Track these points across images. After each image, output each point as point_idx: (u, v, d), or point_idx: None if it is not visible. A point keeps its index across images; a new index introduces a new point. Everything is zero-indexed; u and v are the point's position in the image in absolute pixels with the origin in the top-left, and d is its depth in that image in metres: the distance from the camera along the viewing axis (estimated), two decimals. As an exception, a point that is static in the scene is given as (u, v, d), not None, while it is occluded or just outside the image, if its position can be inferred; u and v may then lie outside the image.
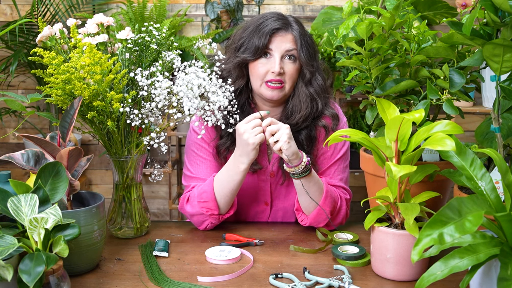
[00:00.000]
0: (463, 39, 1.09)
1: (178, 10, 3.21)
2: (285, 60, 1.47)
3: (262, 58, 1.47)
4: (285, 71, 1.46)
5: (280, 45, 1.46)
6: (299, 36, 1.47)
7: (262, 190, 1.57)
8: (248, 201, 1.58)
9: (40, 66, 2.64)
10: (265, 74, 1.46)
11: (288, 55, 1.46)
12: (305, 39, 1.48)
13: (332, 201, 1.44)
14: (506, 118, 1.18)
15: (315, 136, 1.53)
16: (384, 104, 1.17)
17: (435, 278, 0.84)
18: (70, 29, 1.33)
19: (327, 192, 1.43)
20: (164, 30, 1.38)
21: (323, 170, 1.54)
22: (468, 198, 0.87)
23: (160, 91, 1.28)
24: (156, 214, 3.46)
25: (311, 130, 1.52)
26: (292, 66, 1.47)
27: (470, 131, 1.96)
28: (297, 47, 1.46)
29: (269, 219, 1.61)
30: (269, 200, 1.58)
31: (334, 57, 2.96)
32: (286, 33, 1.47)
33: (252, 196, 1.57)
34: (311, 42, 1.50)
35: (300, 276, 1.17)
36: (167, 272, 1.20)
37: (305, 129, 1.52)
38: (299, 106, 1.50)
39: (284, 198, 1.58)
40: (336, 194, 1.48)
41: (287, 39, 1.46)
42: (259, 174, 1.55)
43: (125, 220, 1.42)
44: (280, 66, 1.44)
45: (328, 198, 1.43)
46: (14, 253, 0.94)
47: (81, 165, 1.26)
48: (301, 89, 1.50)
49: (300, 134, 1.51)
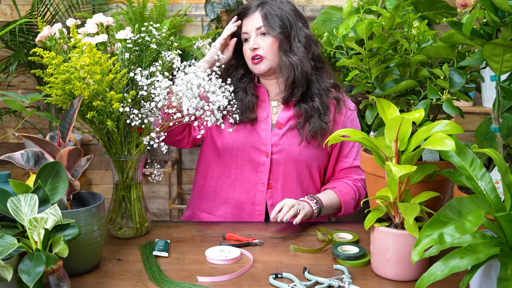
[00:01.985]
0: (463, 39, 1.09)
1: (178, 10, 3.21)
2: (259, 37, 1.64)
3: (245, 43, 1.66)
4: (261, 45, 1.63)
5: (252, 25, 1.64)
6: (268, 12, 1.63)
7: (263, 139, 1.64)
8: (248, 150, 1.65)
9: (40, 66, 2.64)
10: (249, 53, 1.65)
11: (260, 31, 1.63)
12: (275, 12, 1.63)
13: (351, 202, 1.64)
14: (506, 118, 1.17)
15: (327, 105, 1.67)
16: (384, 104, 1.17)
17: (435, 278, 0.84)
18: (70, 29, 1.33)
19: (345, 206, 1.62)
20: (164, 30, 1.38)
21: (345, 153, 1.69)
22: (468, 198, 0.87)
23: (160, 91, 1.27)
24: (156, 214, 3.46)
25: (323, 99, 1.66)
26: (266, 40, 1.62)
27: (470, 131, 1.95)
28: (265, 22, 1.62)
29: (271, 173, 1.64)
30: (269, 151, 1.64)
31: (334, 57, 2.95)
32: (254, 13, 1.65)
33: (251, 145, 1.65)
34: (283, 14, 1.63)
35: (300, 276, 1.17)
36: (167, 272, 1.20)
37: (317, 98, 1.65)
38: (287, 75, 1.63)
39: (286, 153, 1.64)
40: (351, 190, 1.65)
41: (255, 18, 1.64)
42: (259, 123, 1.66)
43: (125, 220, 1.42)
44: (254, 43, 1.63)
45: (346, 206, 1.63)
46: (14, 253, 0.94)
47: (81, 165, 1.26)
48: (281, 57, 1.63)
49: (314, 101, 1.65)
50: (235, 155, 1.66)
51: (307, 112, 1.64)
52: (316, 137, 1.63)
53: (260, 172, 1.64)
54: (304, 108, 1.64)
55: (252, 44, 1.63)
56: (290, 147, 1.64)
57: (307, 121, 1.64)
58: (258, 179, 1.65)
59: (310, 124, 1.63)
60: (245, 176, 1.66)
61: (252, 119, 1.64)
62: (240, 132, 1.65)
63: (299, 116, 1.65)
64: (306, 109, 1.64)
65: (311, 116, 1.64)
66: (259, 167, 1.64)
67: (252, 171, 1.65)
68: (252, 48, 1.62)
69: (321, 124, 1.62)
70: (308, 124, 1.63)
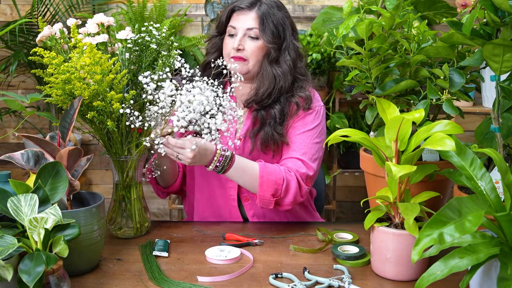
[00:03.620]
0: (463, 39, 1.09)
1: (178, 10, 3.21)
2: (247, 38, 1.54)
3: (229, 37, 1.56)
4: (246, 48, 1.53)
5: (242, 23, 1.53)
6: (264, 15, 1.52)
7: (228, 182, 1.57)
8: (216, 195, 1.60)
9: (40, 66, 2.64)
10: (230, 50, 1.54)
11: (250, 34, 1.53)
12: (271, 18, 1.53)
13: (272, 184, 1.43)
14: (506, 118, 1.17)
15: (288, 112, 1.57)
16: (384, 104, 1.17)
17: (435, 278, 0.84)
18: (70, 29, 1.33)
19: (261, 177, 1.43)
20: (164, 30, 1.38)
21: (290, 143, 1.55)
22: (468, 198, 0.87)
23: (165, 97, 1.27)
24: (156, 214, 3.46)
25: (284, 105, 1.56)
26: (254, 44, 1.53)
27: (470, 131, 1.95)
28: (259, 26, 1.52)
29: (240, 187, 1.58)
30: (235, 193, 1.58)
31: (334, 57, 2.96)
32: (250, 11, 1.54)
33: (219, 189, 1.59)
34: (279, 23, 1.55)
35: (300, 276, 1.17)
36: (167, 272, 1.20)
37: (278, 104, 1.55)
38: (262, 84, 1.55)
39: None
40: (279, 175, 1.44)
41: (250, 17, 1.53)
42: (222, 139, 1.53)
43: (125, 220, 1.42)
44: (240, 43, 1.52)
45: (265, 183, 1.43)
46: (14, 253, 0.94)
47: (81, 165, 1.26)
48: (265, 67, 1.55)
49: (273, 108, 1.55)
50: (204, 172, 1.59)
51: (263, 119, 1.55)
52: (268, 147, 1.54)
53: (229, 188, 1.59)
54: (261, 115, 1.55)
55: (237, 44, 1.52)
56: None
57: (261, 129, 1.55)
58: (229, 195, 1.60)
59: (263, 133, 1.53)
60: (217, 193, 1.61)
61: None
62: None
63: (255, 123, 1.56)
64: (262, 116, 1.55)
65: (265, 124, 1.54)
66: (227, 183, 1.58)
67: (221, 188, 1.59)
68: (236, 48, 1.52)
69: (272, 134, 1.52)
70: (261, 133, 1.54)
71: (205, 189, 1.62)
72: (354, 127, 3.10)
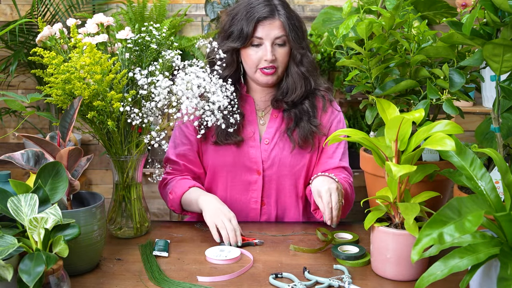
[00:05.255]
0: (463, 39, 1.09)
1: (178, 10, 3.21)
2: (276, 47, 1.54)
3: (253, 47, 1.54)
4: (277, 57, 1.54)
5: (269, 32, 1.52)
6: (287, 20, 1.53)
7: (253, 157, 1.59)
8: (238, 170, 1.59)
9: (40, 66, 2.64)
10: (258, 61, 1.54)
11: (278, 41, 1.53)
12: (293, 22, 1.55)
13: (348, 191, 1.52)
14: (506, 118, 1.17)
15: (316, 104, 1.62)
16: (384, 104, 1.17)
17: (435, 278, 0.84)
18: (70, 29, 1.33)
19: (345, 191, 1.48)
20: (164, 30, 1.38)
21: (329, 154, 1.61)
22: (468, 198, 0.87)
23: (160, 90, 1.27)
24: (156, 214, 3.46)
25: (312, 98, 1.62)
26: (283, 51, 1.54)
27: (470, 131, 1.96)
28: (286, 32, 1.53)
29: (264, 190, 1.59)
30: (260, 168, 1.58)
31: (334, 57, 2.96)
32: (274, 20, 1.53)
33: (241, 165, 1.59)
34: (299, 24, 1.57)
35: (300, 276, 1.17)
36: (167, 272, 1.20)
37: (307, 100, 1.60)
38: (294, 86, 1.58)
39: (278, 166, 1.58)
40: (345, 181, 1.54)
41: (275, 25, 1.53)
42: (247, 141, 1.59)
43: (125, 220, 1.42)
44: (272, 54, 1.52)
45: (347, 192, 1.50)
46: (14, 253, 0.94)
47: (81, 165, 1.26)
48: (293, 69, 1.57)
49: (303, 104, 1.60)
50: (224, 176, 1.60)
51: (297, 116, 1.58)
52: (308, 141, 1.58)
53: (253, 191, 1.59)
54: (294, 113, 1.59)
55: (270, 56, 1.51)
56: (282, 159, 1.58)
57: (297, 126, 1.58)
58: (250, 198, 1.60)
59: (300, 129, 1.57)
60: (235, 197, 1.60)
61: (238, 141, 1.57)
62: (227, 152, 1.58)
63: (289, 121, 1.59)
64: (296, 113, 1.59)
65: (300, 119, 1.58)
66: (251, 185, 1.59)
67: (243, 191, 1.60)
68: (270, 59, 1.51)
69: (310, 128, 1.57)
70: (298, 129, 1.57)
71: (222, 194, 1.61)
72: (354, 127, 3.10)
